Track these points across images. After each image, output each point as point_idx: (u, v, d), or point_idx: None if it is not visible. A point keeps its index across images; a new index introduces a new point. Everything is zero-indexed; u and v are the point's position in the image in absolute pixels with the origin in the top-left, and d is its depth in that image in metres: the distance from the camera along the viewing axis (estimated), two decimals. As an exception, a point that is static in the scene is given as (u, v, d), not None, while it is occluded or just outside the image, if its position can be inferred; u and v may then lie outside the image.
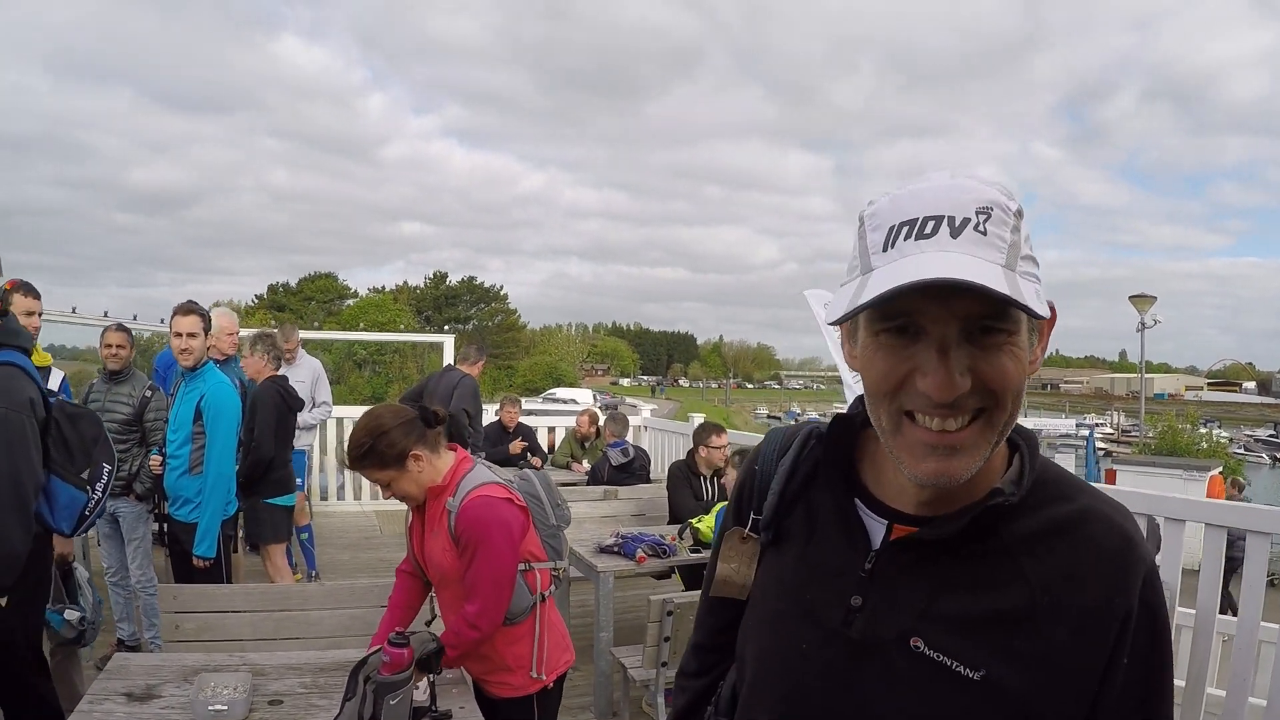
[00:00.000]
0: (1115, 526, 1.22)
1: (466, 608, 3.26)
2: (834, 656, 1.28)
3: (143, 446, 5.89)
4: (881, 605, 1.26)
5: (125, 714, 2.98)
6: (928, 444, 1.14)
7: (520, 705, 3.44)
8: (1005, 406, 1.14)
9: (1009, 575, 1.20)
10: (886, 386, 1.17)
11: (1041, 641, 1.17)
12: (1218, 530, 4.92)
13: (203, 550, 5.26)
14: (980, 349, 1.11)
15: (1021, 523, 1.22)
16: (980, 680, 1.17)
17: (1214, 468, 21.59)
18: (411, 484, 3.36)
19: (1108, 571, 1.19)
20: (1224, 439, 39.00)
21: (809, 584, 1.35)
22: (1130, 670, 1.18)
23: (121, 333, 6.00)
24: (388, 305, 65.74)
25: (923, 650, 1.20)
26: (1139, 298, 28.68)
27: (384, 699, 2.96)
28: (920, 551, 1.25)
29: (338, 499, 11.81)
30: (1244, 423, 79.23)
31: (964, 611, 1.20)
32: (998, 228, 1.11)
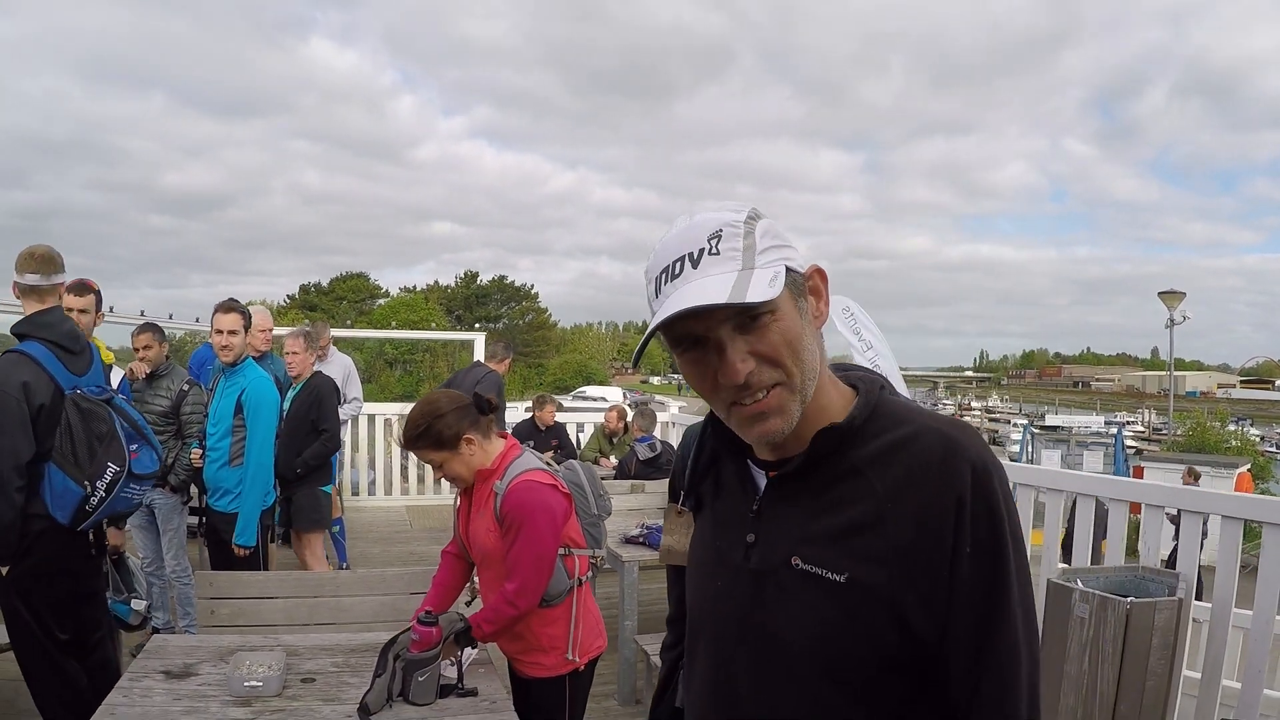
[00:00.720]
0: (942, 435, 1.42)
1: (506, 586, 3.38)
2: (741, 587, 1.53)
3: (179, 439, 5.99)
4: (769, 537, 1.51)
5: (164, 690, 3.11)
6: (747, 416, 1.42)
7: (552, 685, 3.55)
8: (792, 370, 1.39)
9: (861, 491, 1.42)
10: (705, 389, 1.44)
11: (891, 541, 1.37)
12: (1234, 523, 4.95)
13: (245, 540, 5.41)
14: (750, 333, 1.37)
15: (867, 447, 1.44)
16: (845, 582, 1.39)
17: (1242, 465, 21.46)
18: (462, 466, 3.50)
19: (938, 471, 1.38)
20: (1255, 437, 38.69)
21: (718, 533, 1.62)
22: (974, 559, 1.36)
23: (146, 333, 6.08)
24: (419, 304, 65.93)
25: (800, 566, 1.44)
26: (1168, 294, 28.50)
27: (412, 675, 3.09)
28: (790, 487, 1.50)
29: (369, 494, 11.92)
30: (1277, 421, 78.42)
31: (829, 527, 1.43)
32: (729, 243, 1.38)
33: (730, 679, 1.53)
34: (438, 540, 9.72)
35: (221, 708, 3.00)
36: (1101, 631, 4.40)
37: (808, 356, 1.41)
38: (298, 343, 6.80)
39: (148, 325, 6.21)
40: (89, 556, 4.31)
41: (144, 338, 6.04)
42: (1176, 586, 4.78)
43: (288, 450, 6.53)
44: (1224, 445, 28.78)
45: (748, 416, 1.41)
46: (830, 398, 1.50)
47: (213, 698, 3.07)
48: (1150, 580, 4.94)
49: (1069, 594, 4.63)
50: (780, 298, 1.36)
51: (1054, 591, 4.78)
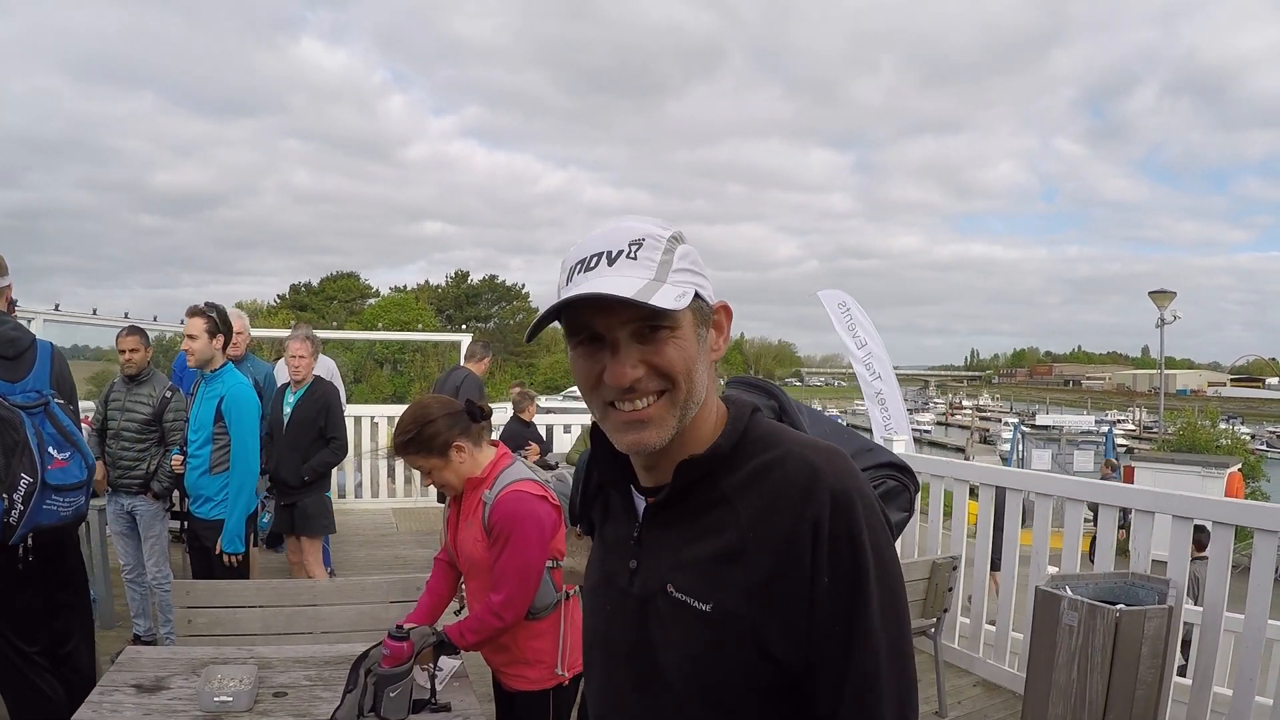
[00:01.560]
0: (805, 462, 1.41)
1: (492, 597, 3.33)
2: (627, 611, 1.55)
3: (161, 446, 5.94)
4: (648, 563, 1.52)
5: (134, 705, 3.06)
6: (623, 421, 1.42)
7: (536, 700, 3.50)
8: (680, 385, 1.40)
9: (726, 519, 1.43)
10: (588, 385, 1.44)
11: (752, 570, 1.38)
12: (1226, 528, 4.92)
13: (235, 547, 5.34)
14: (649, 344, 1.38)
15: (735, 474, 1.45)
16: (711, 611, 1.40)
17: (1233, 465, 21.51)
18: (452, 474, 3.45)
19: (795, 499, 1.37)
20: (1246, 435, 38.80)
21: (607, 557, 1.64)
22: (832, 589, 1.34)
23: (134, 336, 6.01)
24: (409, 304, 65.80)
25: (673, 594, 1.45)
26: (1158, 293, 28.63)
27: (384, 691, 3.03)
28: (665, 514, 1.51)
29: (355, 497, 11.88)
30: (1267, 419, 78.70)
31: (697, 556, 1.44)
32: (649, 253, 1.40)
33: (619, 696, 1.57)
34: (424, 544, 9.73)
35: (190, 723, 2.94)
36: (1091, 640, 4.37)
37: (697, 380, 1.42)
38: (305, 346, 6.70)
39: (134, 328, 6.15)
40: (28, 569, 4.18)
41: (130, 340, 6.00)
42: (1167, 593, 4.74)
43: (292, 456, 6.50)
44: (1215, 444, 28.83)
45: (624, 422, 1.41)
46: (707, 429, 1.50)
47: (182, 713, 3.02)
48: (1140, 586, 4.93)
49: (1057, 601, 4.59)
50: (683, 318, 1.40)
51: (1042, 599, 4.75)
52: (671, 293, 1.35)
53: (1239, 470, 21.52)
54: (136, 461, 5.89)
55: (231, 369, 5.59)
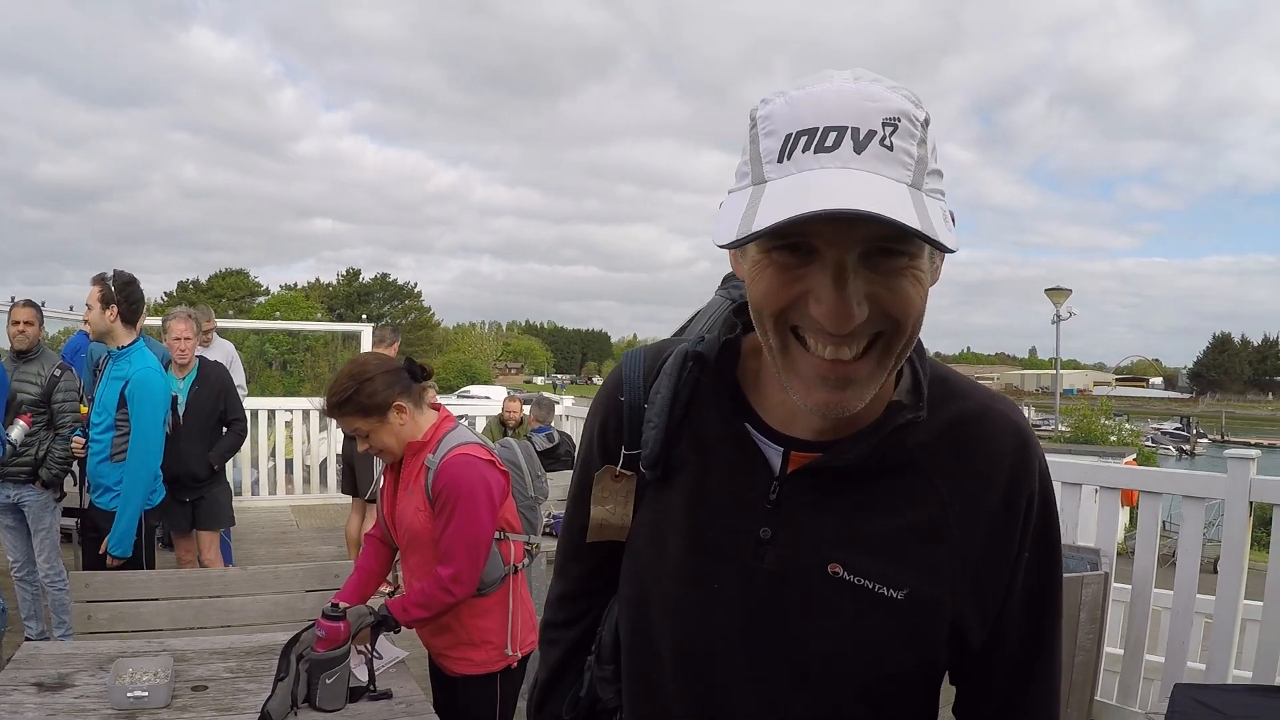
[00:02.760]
0: (1008, 421, 1.21)
1: (440, 570, 3.11)
2: (750, 592, 1.23)
3: (50, 430, 5.60)
4: (793, 535, 1.21)
5: (36, 704, 2.80)
6: (820, 374, 1.06)
7: (482, 684, 3.30)
8: (905, 332, 1.06)
9: (918, 489, 1.18)
10: (775, 305, 1.06)
11: (959, 551, 1.17)
12: (1153, 497, 5.02)
13: (122, 550, 4.92)
14: (880, 274, 1.02)
15: (922, 432, 1.18)
16: (905, 599, 1.16)
17: (1128, 455, 22.31)
18: (391, 437, 3.22)
19: (1008, 468, 1.18)
20: (1133, 431, 39.97)
21: (710, 519, 1.27)
22: (1033, 565, 1.20)
23: (30, 308, 5.73)
24: (300, 302, 65.18)
25: (843, 576, 1.17)
26: (1055, 290, 29.47)
27: (319, 678, 2.81)
28: (827, 477, 1.20)
29: (252, 494, 11.53)
30: (1151, 416, 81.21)
31: (880, 532, 1.18)
32: (905, 141, 1.00)
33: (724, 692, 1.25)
34: (325, 540, 9.53)
35: (102, 721, 2.69)
36: (1031, 609, 4.35)
37: (917, 330, 1.08)
38: (188, 327, 6.35)
39: (29, 301, 5.87)
40: None
41: (27, 311, 5.72)
42: (1099, 562, 4.81)
43: (197, 447, 6.20)
44: (1108, 437, 29.70)
45: (824, 375, 1.05)
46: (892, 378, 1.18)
47: (92, 711, 2.76)
48: (1070, 557, 4.98)
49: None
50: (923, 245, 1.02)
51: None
52: (938, 213, 1.00)
53: (1134, 460, 22.17)
54: (24, 446, 5.50)
55: (141, 349, 5.17)
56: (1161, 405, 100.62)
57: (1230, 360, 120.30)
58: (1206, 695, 3.20)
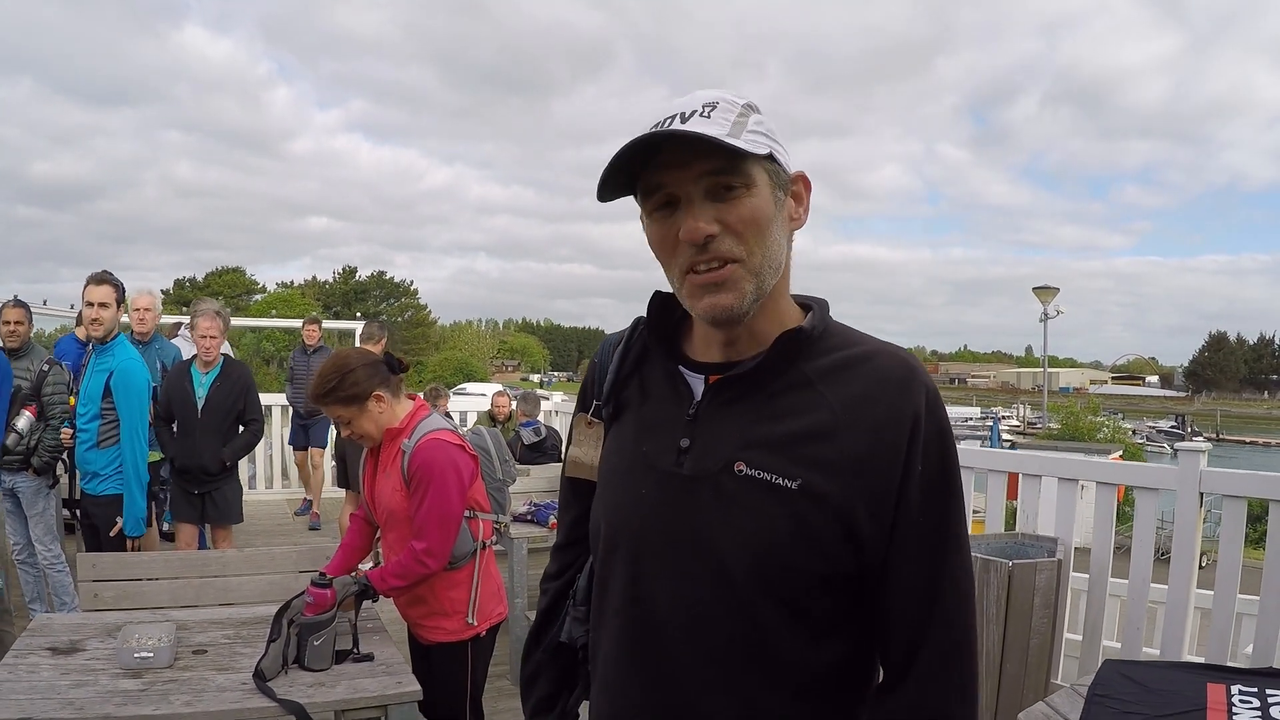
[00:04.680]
0: (898, 359, 1.45)
1: (414, 544, 3.38)
2: (669, 493, 1.47)
3: (41, 420, 5.78)
4: (707, 442, 1.46)
5: (51, 666, 3.05)
6: (699, 285, 1.39)
7: (453, 650, 3.55)
8: (754, 249, 1.38)
9: (812, 401, 1.41)
10: (665, 250, 1.43)
11: (846, 451, 1.37)
12: (1108, 488, 5.13)
13: (138, 530, 5.26)
14: (723, 202, 1.36)
15: (820, 360, 1.45)
16: (798, 489, 1.37)
17: (1114, 450, 22.24)
18: (371, 424, 3.48)
19: (894, 390, 1.40)
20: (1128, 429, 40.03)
21: (644, 438, 1.55)
22: (924, 480, 1.39)
23: (19, 308, 5.97)
24: (296, 300, 64.78)
25: (746, 472, 1.40)
26: (1042, 289, 29.46)
27: (308, 639, 3.07)
28: (734, 391, 1.47)
29: (249, 488, 11.67)
30: (1147, 414, 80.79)
31: (778, 434, 1.41)
32: (723, 114, 1.36)
33: (650, 589, 1.47)
34: (321, 532, 9.64)
35: (112, 680, 2.95)
36: (985, 593, 4.52)
37: (773, 245, 1.40)
38: (215, 325, 6.45)
39: (18, 301, 6.09)
40: None
41: (16, 311, 5.96)
42: (1055, 549, 4.93)
43: (212, 442, 6.29)
44: (1096, 434, 29.75)
45: (700, 285, 1.38)
46: (788, 309, 1.51)
47: (102, 671, 3.02)
48: (1029, 545, 5.10)
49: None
50: (758, 178, 1.37)
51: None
52: (747, 141, 1.34)
53: (1120, 455, 22.19)
54: (19, 437, 5.72)
55: (123, 342, 5.47)
56: (1157, 403, 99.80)
57: (1226, 359, 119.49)
58: (1133, 670, 3.36)
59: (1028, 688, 4.61)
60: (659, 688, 1.47)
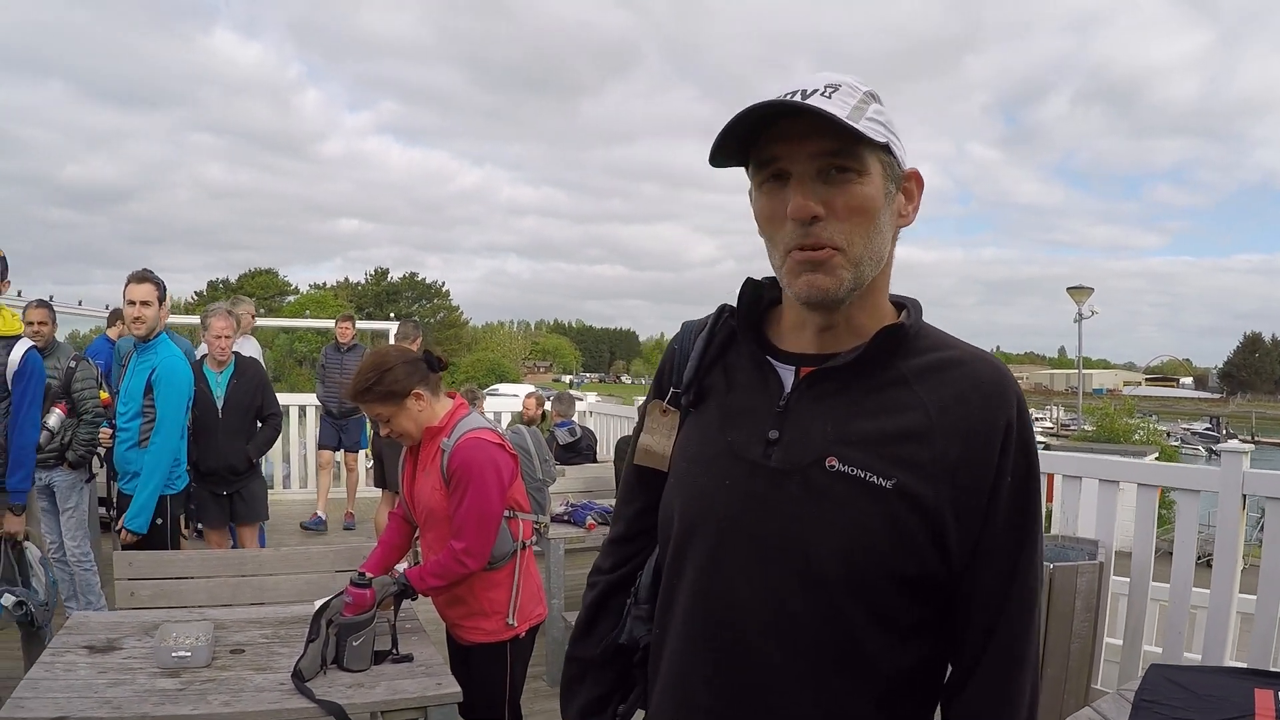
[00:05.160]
0: (993, 364, 1.44)
1: (454, 544, 3.36)
2: (756, 485, 1.44)
3: (74, 417, 5.81)
4: (797, 435, 1.43)
5: (88, 664, 3.04)
6: (799, 262, 1.38)
7: (493, 651, 3.53)
8: (856, 238, 1.37)
9: (907, 400, 1.40)
10: (771, 225, 1.42)
11: (939, 454, 1.37)
12: (1149, 490, 5.07)
13: (136, 525, 5.13)
14: (833, 185, 1.35)
15: (913, 360, 1.43)
16: (892, 488, 1.36)
17: (1149, 453, 22.04)
18: (410, 422, 3.46)
19: (988, 397, 1.40)
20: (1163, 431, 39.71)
21: (729, 428, 1.51)
22: (1013, 488, 1.39)
23: (43, 309, 6.04)
24: (329, 301, 65.07)
25: (838, 468, 1.38)
26: (1076, 289, 29.22)
27: (346, 640, 3.05)
28: (828, 385, 1.45)
29: (284, 487, 11.74)
30: (1181, 416, 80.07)
31: (872, 432, 1.39)
32: (844, 97, 1.35)
33: (728, 584, 1.44)
34: (357, 532, 9.65)
35: (149, 679, 2.94)
36: (1026, 596, 4.46)
37: (876, 237, 1.39)
38: (229, 324, 6.50)
39: (42, 301, 6.15)
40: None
41: (40, 312, 6.02)
42: (1096, 552, 4.88)
43: (236, 442, 6.33)
44: (1131, 436, 29.50)
45: (800, 262, 1.37)
46: (885, 305, 1.50)
47: (139, 670, 3.01)
48: (1069, 548, 5.05)
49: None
50: (871, 167, 1.37)
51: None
52: (866, 128, 1.33)
53: (1155, 459, 21.99)
54: (51, 435, 5.73)
55: (166, 340, 5.44)
56: (1191, 405, 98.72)
57: (1261, 360, 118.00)
58: (1179, 675, 3.32)
59: (1068, 692, 4.56)
60: (731, 687, 1.44)
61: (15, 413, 4.41)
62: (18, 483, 4.36)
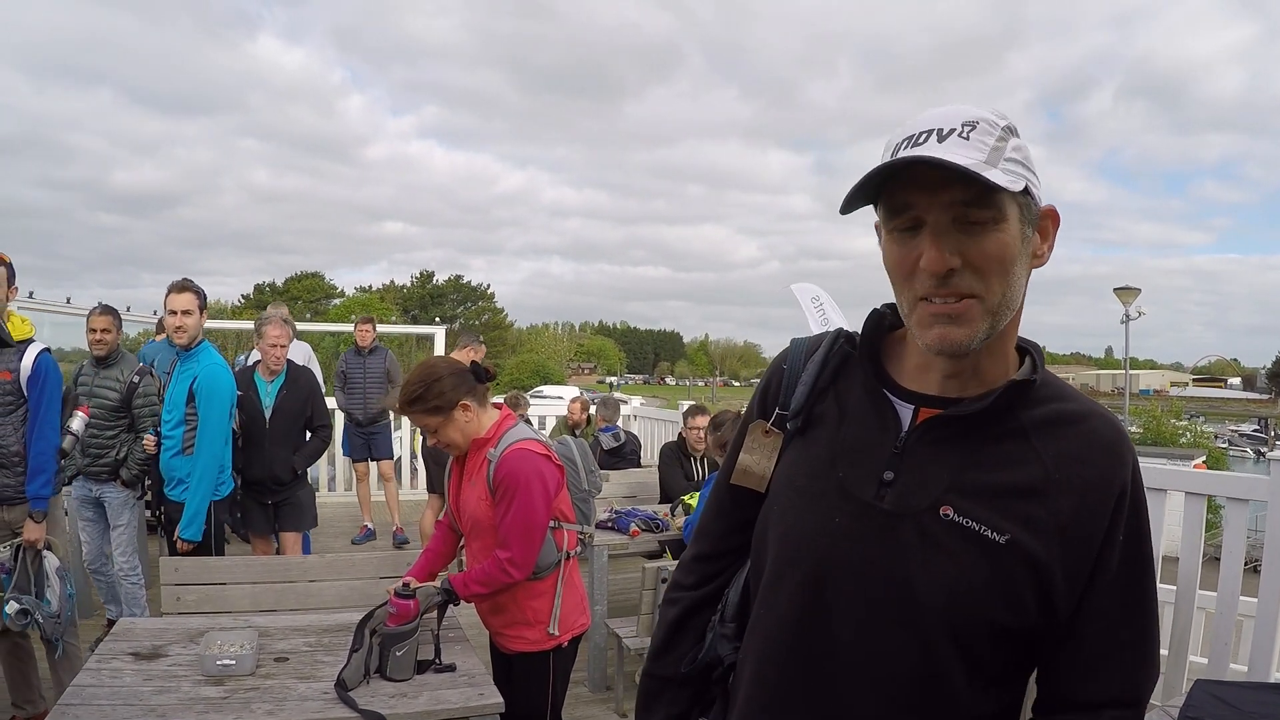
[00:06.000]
0: (1111, 422, 1.42)
1: (499, 553, 3.36)
2: (867, 525, 1.41)
3: (131, 433, 5.75)
4: (912, 479, 1.41)
5: (134, 671, 3.05)
6: (932, 314, 1.34)
7: (535, 660, 3.52)
8: (994, 288, 1.33)
9: (1025, 454, 1.38)
10: (901, 273, 1.37)
11: (1054, 512, 1.35)
12: (1197, 499, 4.99)
13: (190, 534, 5.16)
14: (970, 235, 1.31)
15: (1035, 411, 1.40)
16: (1006, 544, 1.34)
17: (1198, 456, 21.80)
18: (457, 433, 3.46)
19: (1105, 455, 1.38)
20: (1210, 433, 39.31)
21: (840, 462, 1.48)
22: (1125, 547, 1.37)
23: (107, 315, 5.83)
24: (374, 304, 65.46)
25: (953, 518, 1.36)
26: (1124, 290, 28.85)
27: (390, 650, 3.04)
28: (947, 430, 1.42)
29: (329, 490, 11.80)
30: (1229, 418, 79.23)
31: (989, 484, 1.37)
32: (982, 136, 1.30)
33: (827, 619, 1.42)
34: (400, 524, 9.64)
35: (194, 687, 2.94)
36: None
37: (1014, 284, 1.35)
38: (285, 333, 6.46)
39: (107, 307, 5.94)
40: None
41: (104, 319, 5.79)
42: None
43: (283, 452, 6.26)
44: (1178, 439, 29.20)
45: (933, 314, 1.34)
46: (1013, 354, 1.47)
47: (184, 677, 3.01)
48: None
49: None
50: (1009, 212, 1.32)
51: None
52: (1004, 176, 1.28)
53: (1203, 462, 21.75)
54: (106, 448, 5.68)
55: (209, 348, 5.47)
56: (1239, 406, 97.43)
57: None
58: (1224, 691, 3.25)
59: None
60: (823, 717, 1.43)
61: (33, 418, 4.39)
62: (38, 489, 4.34)
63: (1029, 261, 1.39)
